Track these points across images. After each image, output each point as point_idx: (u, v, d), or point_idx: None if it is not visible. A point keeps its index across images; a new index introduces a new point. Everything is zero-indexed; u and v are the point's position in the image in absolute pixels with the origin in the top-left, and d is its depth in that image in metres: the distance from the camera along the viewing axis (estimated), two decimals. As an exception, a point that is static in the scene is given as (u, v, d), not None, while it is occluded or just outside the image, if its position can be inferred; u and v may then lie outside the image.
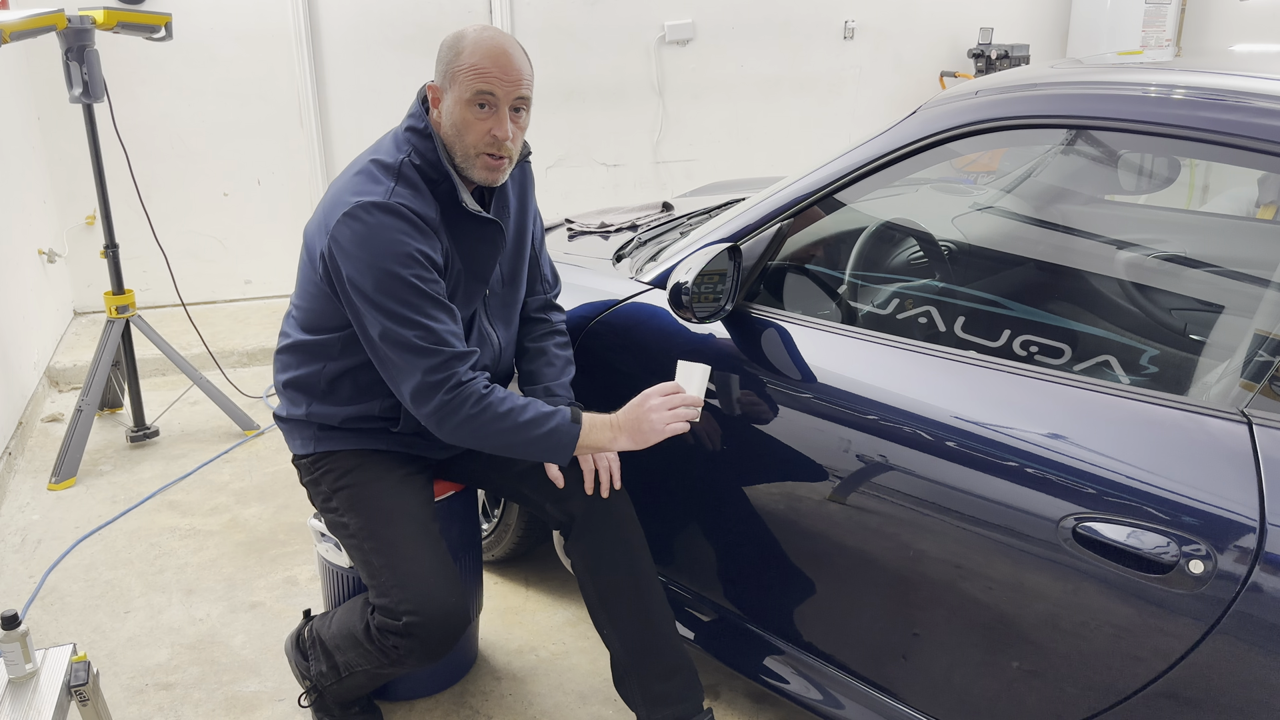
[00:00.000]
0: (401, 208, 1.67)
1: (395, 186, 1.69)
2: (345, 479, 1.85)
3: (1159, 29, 5.61)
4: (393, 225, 1.65)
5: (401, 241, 1.65)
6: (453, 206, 1.75)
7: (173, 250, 3.93)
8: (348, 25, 4.77)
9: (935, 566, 1.57)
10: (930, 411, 1.56)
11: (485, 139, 1.69)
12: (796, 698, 1.83)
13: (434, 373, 1.66)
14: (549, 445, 1.71)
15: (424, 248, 1.67)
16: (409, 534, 1.79)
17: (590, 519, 1.85)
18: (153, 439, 3.49)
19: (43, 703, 1.56)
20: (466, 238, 1.78)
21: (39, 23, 2.93)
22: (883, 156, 1.72)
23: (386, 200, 1.66)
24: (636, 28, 5.22)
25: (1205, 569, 1.28)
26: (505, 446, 1.72)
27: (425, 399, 1.68)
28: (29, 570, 2.66)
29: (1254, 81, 1.45)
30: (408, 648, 1.73)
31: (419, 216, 1.68)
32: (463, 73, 1.67)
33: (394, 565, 1.75)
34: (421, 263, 1.67)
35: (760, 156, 5.59)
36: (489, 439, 1.71)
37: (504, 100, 1.68)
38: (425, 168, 1.73)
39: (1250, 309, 1.54)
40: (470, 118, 1.68)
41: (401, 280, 1.65)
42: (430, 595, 1.72)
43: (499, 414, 1.67)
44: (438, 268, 1.70)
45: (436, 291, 1.69)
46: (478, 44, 1.67)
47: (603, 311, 2.10)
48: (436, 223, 1.71)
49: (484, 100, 1.67)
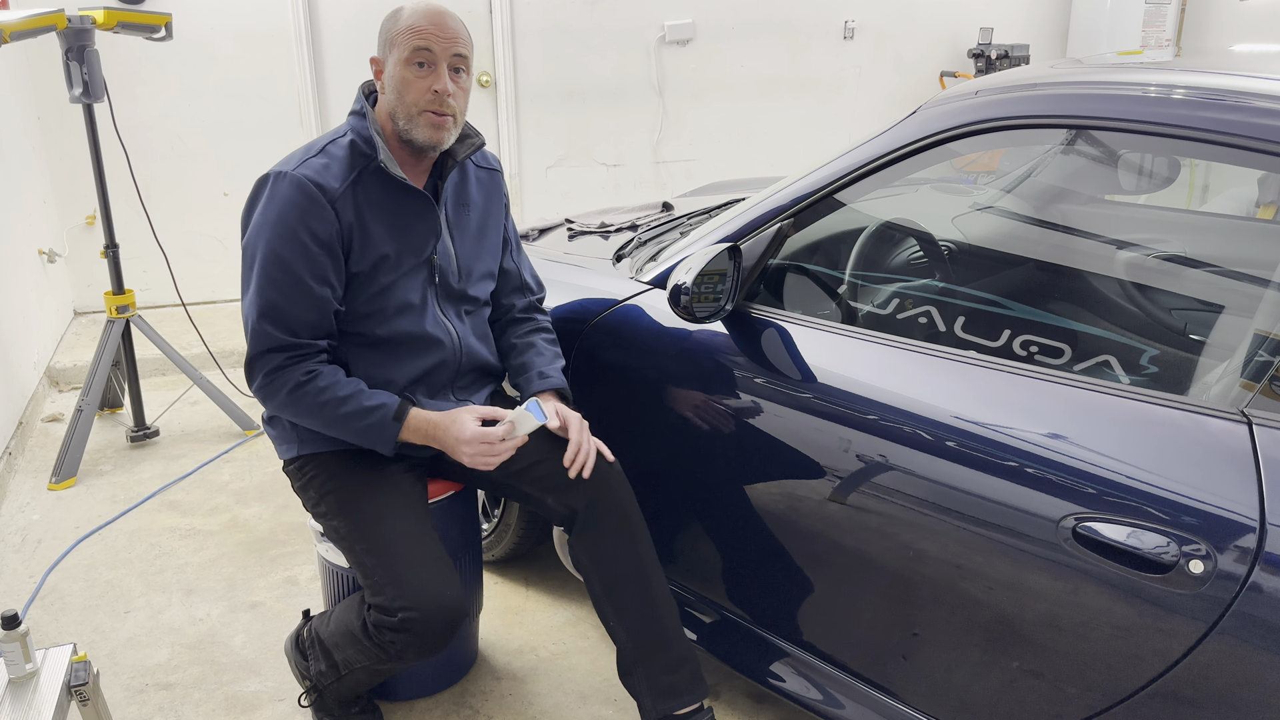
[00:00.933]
0: (303, 178, 1.73)
1: (311, 159, 1.77)
2: (332, 482, 1.86)
3: (1159, 29, 5.61)
4: (287, 194, 1.73)
5: (287, 211, 1.73)
6: (379, 179, 1.80)
7: (173, 250, 3.93)
8: (348, 25, 4.77)
9: (935, 566, 1.57)
10: (930, 411, 1.56)
11: (426, 95, 1.76)
12: (796, 698, 1.83)
13: (263, 354, 1.76)
14: (369, 438, 1.80)
15: (310, 219, 1.73)
16: (400, 531, 1.80)
17: (593, 511, 1.85)
18: (153, 439, 3.49)
19: (43, 703, 1.56)
20: (396, 210, 1.82)
21: (39, 23, 2.93)
22: (883, 156, 1.72)
23: (292, 171, 1.74)
24: (636, 28, 5.22)
25: (1205, 569, 1.28)
26: (329, 431, 1.82)
27: (251, 376, 1.79)
28: (29, 570, 2.66)
29: (1254, 81, 1.45)
30: (405, 643, 1.73)
31: (318, 187, 1.73)
32: (401, 34, 1.76)
33: (387, 564, 1.76)
34: (302, 237, 1.73)
35: (760, 156, 5.59)
36: (311, 424, 1.82)
37: (441, 57, 1.76)
38: (358, 142, 1.80)
39: (1250, 309, 1.54)
40: (410, 76, 1.76)
41: (274, 252, 1.73)
42: (424, 590, 1.73)
43: (316, 404, 1.76)
44: (322, 242, 1.74)
45: (310, 270, 1.74)
46: (414, 9, 1.78)
47: (603, 311, 2.10)
48: (336, 192, 1.75)
49: (422, 58, 1.75)
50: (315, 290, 1.75)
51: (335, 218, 1.75)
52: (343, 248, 1.77)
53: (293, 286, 1.74)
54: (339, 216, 1.75)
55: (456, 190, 1.94)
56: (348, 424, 1.78)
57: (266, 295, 1.74)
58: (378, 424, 1.77)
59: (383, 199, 1.80)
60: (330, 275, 1.76)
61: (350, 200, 1.77)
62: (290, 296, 1.74)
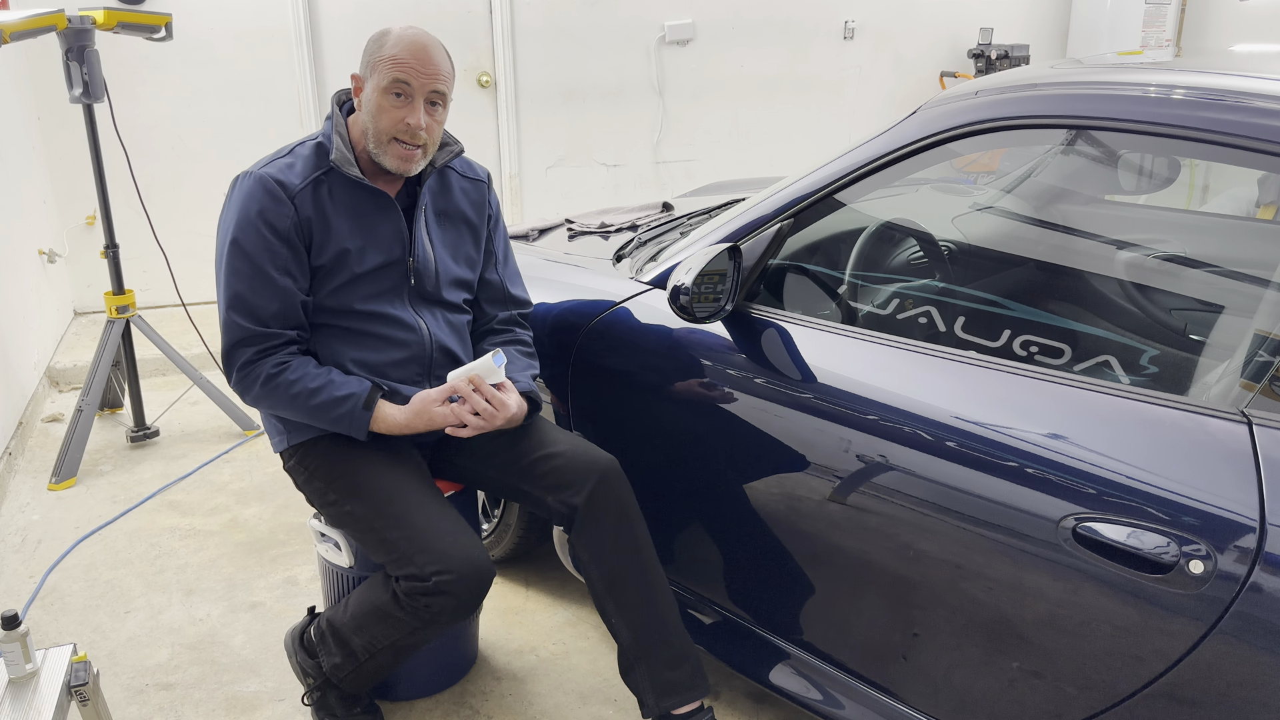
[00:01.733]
0: (266, 176, 1.81)
1: (277, 159, 1.85)
2: (337, 468, 1.87)
3: (1159, 29, 5.61)
4: (249, 191, 1.81)
5: (248, 206, 1.80)
6: (342, 179, 1.86)
7: (173, 250, 3.93)
8: (348, 25, 4.77)
9: (935, 566, 1.57)
10: (930, 411, 1.56)
11: (399, 125, 1.81)
12: (797, 698, 1.83)
13: (234, 347, 1.82)
14: (343, 428, 1.84)
15: (269, 214, 1.79)
16: (417, 502, 1.82)
17: (593, 509, 1.85)
18: (153, 439, 3.49)
19: (43, 703, 1.57)
20: (358, 208, 1.87)
21: (39, 23, 2.93)
22: (883, 156, 1.72)
23: (257, 171, 1.83)
24: (636, 28, 5.22)
25: (1205, 569, 1.28)
26: (306, 420, 1.86)
27: (228, 371, 1.85)
28: (29, 570, 2.66)
29: (1254, 81, 1.45)
30: (440, 605, 1.75)
31: (278, 184, 1.81)
32: (383, 63, 1.81)
33: (411, 535, 1.77)
34: (261, 230, 1.79)
35: (760, 156, 5.59)
36: (286, 413, 1.87)
37: (419, 91, 1.81)
38: (325, 143, 1.87)
39: (1250, 309, 1.54)
40: (386, 104, 1.81)
41: (237, 244, 1.80)
42: (453, 552, 1.75)
43: (287, 395, 1.82)
44: (281, 235, 1.80)
45: (271, 262, 1.80)
46: (400, 38, 1.82)
47: (603, 311, 2.10)
48: (295, 188, 1.82)
49: (400, 89, 1.80)
50: (277, 280, 1.81)
51: (294, 211, 1.81)
52: (303, 241, 1.83)
53: (254, 276, 1.80)
54: (297, 211, 1.82)
55: (436, 198, 1.98)
56: (321, 414, 1.83)
57: (233, 287, 1.82)
58: (348, 414, 1.82)
59: (345, 197, 1.87)
60: (291, 266, 1.82)
61: (310, 196, 1.83)
62: (253, 287, 1.81)
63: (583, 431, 2.18)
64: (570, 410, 2.19)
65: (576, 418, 2.19)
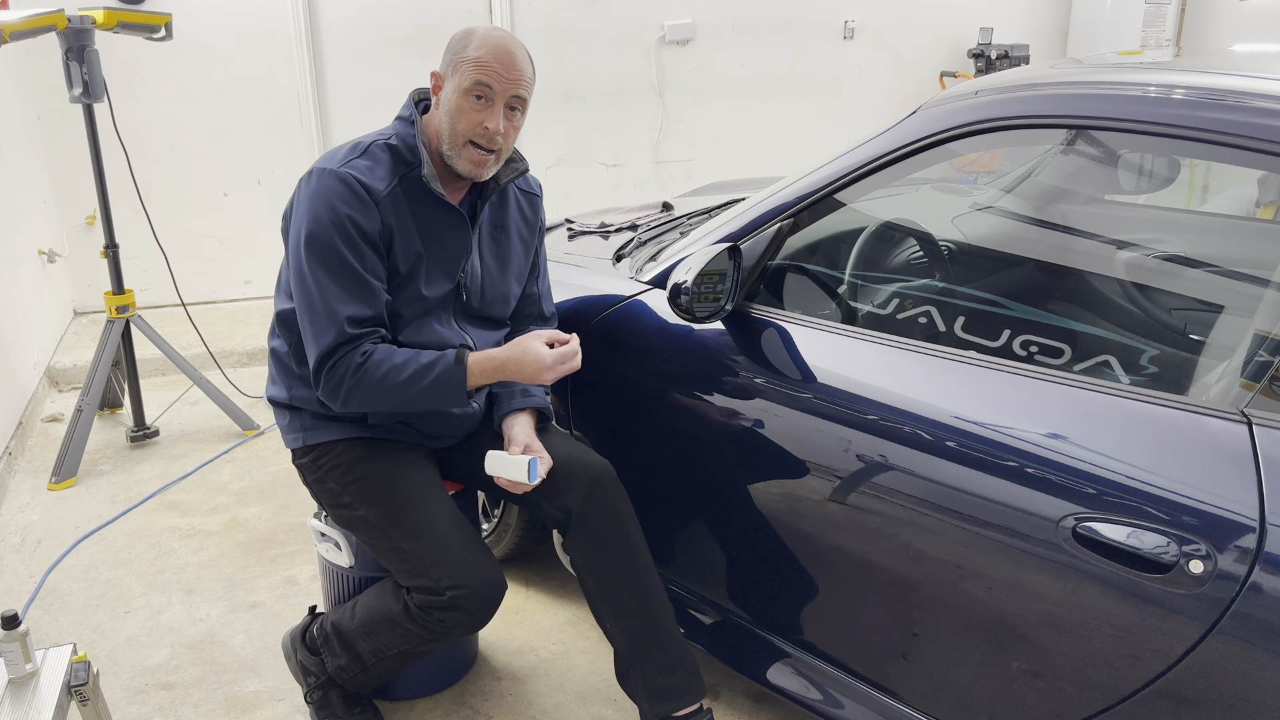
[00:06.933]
0: (350, 176, 1.73)
1: (356, 159, 1.77)
2: (354, 472, 1.86)
3: (1159, 29, 5.61)
4: (334, 189, 1.73)
5: (335, 206, 1.72)
6: (418, 187, 1.80)
7: (173, 250, 3.93)
8: (348, 25, 4.77)
9: (935, 566, 1.57)
10: (930, 411, 1.56)
11: (476, 128, 1.75)
12: (796, 698, 1.83)
13: (323, 355, 1.73)
14: (439, 394, 1.76)
15: (356, 215, 1.73)
16: (433, 513, 1.81)
17: (587, 514, 1.85)
18: (153, 439, 3.49)
19: (43, 703, 1.57)
20: (432, 221, 1.82)
21: (39, 23, 2.93)
22: (883, 156, 1.72)
23: (338, 168, 1.74)
24: (636, 28, 5.22)
25: (1205, 569, 1.28)
26: (401, 404, 1.77)
27: (316, 378, 1.76)
28: (29, 570, 2.66)
29: (1254, 81, 1.45)
30: (454, 620, 1.75)
31: (364, 186, 1.74)
32: (466, 63, 1.74)
33: (427, 546, 1.77)
34: (350, 231, 1.72)
35: (760, 156, 5.59)
36: (381, 403, 1.77)
37: (500, 95, 1.75)
38: (401, 149, 1.80)
39: (1250, 309, 1.54)
40: (465, 106, 1.75)
41: (322, 241, 1.72)
42: (468, 568, 1.75)
43: (377, 379, 1.73)
44: (369, 239, 1.74)
45: (361, 264, 1.73)
46: (485, 39, 1.75)
47: (603, 311, 2.10)
48: (381, 194, 1.76)
49: (481, 92, 1.74)
50: (370, 281, 1.75)
51: (380, 217, 1.75)
52: (385, 246, 1.78)
53: (349, 278, 1.73)
54: (382, 217, 1.76)
55: (494, 213, 1.94)
56: (413, 386, 1.74)
57: (328, 289, 1.72)
58: (443, 375, 1.74)
59: (420, 208, 1.81)
60: (379, 269, 1.77)
61: (392, 204, 1.77)
62: (350, 289, 1.73)
63: (583, 431, 2.18)
64: (570, 410, 2.19)
65: (577, 417, 2.19)
